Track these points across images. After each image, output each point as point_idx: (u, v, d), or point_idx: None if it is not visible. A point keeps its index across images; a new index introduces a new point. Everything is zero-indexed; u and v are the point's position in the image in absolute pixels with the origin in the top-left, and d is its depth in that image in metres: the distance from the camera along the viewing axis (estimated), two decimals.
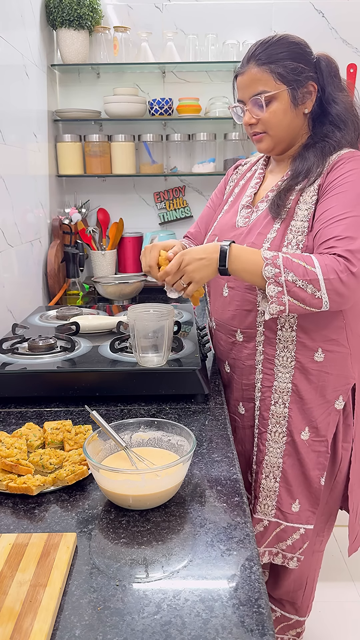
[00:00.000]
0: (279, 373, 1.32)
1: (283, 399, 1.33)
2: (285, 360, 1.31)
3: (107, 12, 2.52)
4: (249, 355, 1.36)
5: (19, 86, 1.97)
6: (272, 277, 1.14)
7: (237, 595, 0.70)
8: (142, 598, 0.70)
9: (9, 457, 0.95)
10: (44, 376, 1.27)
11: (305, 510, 1.38)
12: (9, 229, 1.83)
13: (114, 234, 2.61)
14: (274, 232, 1.27)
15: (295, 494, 1.37)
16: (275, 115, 1.26)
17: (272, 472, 1.38)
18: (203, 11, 2.52)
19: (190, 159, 2.62)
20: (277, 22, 2.53)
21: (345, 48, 2.57)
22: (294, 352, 1.29)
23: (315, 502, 1.37)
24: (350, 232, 1.15)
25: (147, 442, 1.00)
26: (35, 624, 0.64)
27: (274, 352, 1.31)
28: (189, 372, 1.26)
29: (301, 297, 1.13)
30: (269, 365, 1.33)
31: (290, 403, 1.33)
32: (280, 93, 1.24)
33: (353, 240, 1.14)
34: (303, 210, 1.25)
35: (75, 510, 0.88)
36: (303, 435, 1.34)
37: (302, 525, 1.39)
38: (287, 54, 1.24)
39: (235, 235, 1.34)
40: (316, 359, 1.29)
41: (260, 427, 1.38)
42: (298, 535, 1.40)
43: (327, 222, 1.19)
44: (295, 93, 1.25)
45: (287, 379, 1.32)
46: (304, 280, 1.12)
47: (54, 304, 2.25)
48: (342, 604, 2.03)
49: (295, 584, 1.53)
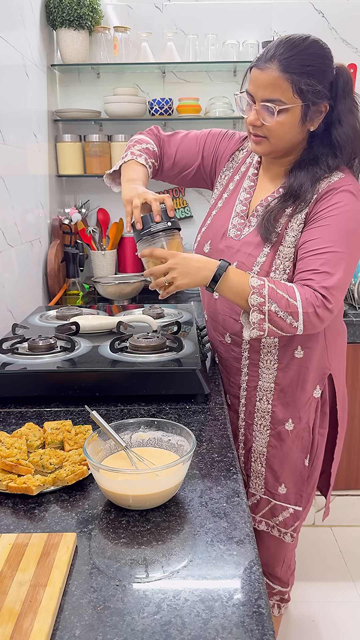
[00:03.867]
0: (263, 374, 1.41)
1: (267, 397, 1.42)
2: (268, 363, 1.40)
3: (107, 12, 2.52)
4: (236, 359, 1.44)
5: (19, 86, 1.97)
6: (257, 305, 1.20)
7: (237, 595, 0.70)
8: (142, 598, 0.70)
9: (9, 457, 0.95)
10: (44, 376, 1.27)
11: (292, 492, 1.47)
12: (9, 229, 1.83)
13: (114, 234, 2.61)
14: (263, 257, 1.31)
15: (281, 478, 1.46)
16: (282, 127, 1.22)
17: (259, 458, 1.48)
18: (203, 11, 2.52)
19: None
20: (277, 22, 2.53)
21: (345, 48, 2.57)
22: (277, 356, 1.38)
23: (302, 483, 1.46)
24: (328, 268, 1.20)
25: (147, 442, 1.00)
26: (35, 624, 0.64)
27: (259, 357, 1.40)
28: (189, 372, 1.26)
29: (280, 326, 1.21)
30: (254, 368, 1.42)
31: (274, 400, 1.41)
32: (294, 107, 1.20)
33: (330, 276, 1.19)
34: (291, 236, 1.28)
35: (75, 510, 0.88)
36: (287, 426, 1.42)
37: (290, 505, 1.48)
38: (312, 69, 1.18)
39: (226, 246, 1.37)
40: (296, 355, 1.38)
41: (247, 419, 1.48)
42: (288, 514, 1.49)
43: (307, 253, 1.23)
44: (307, 110, 1.21)
45: (271, 380, 1.40)
46: (286, 312, 1.19)
47: (54, 304, 2.25)
48: (342, 604, 2.03)
49: (274, 561, 1.60)
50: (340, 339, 1.45)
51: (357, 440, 2.36)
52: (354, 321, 2.19)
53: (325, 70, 1.21)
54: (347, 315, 2.23)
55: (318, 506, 2.45)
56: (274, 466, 1.46)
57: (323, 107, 1.23)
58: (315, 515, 2.46)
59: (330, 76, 1.22)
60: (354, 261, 1.25)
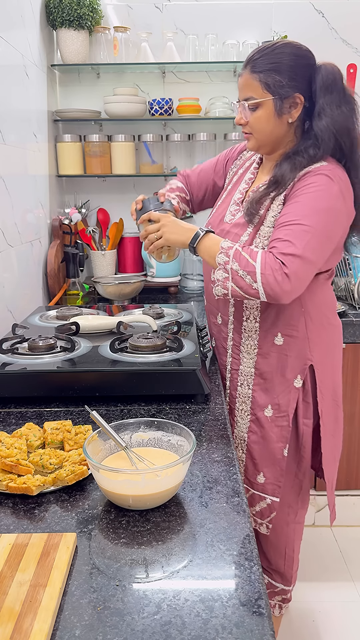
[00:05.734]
0: (244, 359, 1.48)
1: (247, 382, 1.49)
2: (249, 348, 1.47)
3: (107, 12, 2.52)
4: (224, 339, 1.54)
5: (19, 86, 1.97)
6: (222, 264, 1.31)
7: (237, 595, 0.70)
8: (142, 598, 0.70)
9: (9, 457, 0.95)
10: (44, 376, 1.27)
11: (270, 483, 1.49)
12: (9, 229, 1.83)
13: (114, 234, 2.61)
14: (246, 236, 1.41)
15: (260, 467, 1.50)
16: (259, 121, 1.35)
17: (240, 445, 1.53)
18: (203, 11, 2.52)
19: (190, 159, 2.62)
20: (277, 22, 2.53)
21: (345, 48, 2.57)
22: (257, 341, 1.45)
23: (280, 474, 1.48)
24: (290, 237, 1.26)
25: (147, 442, 1.00)
26: (35, 624, 0.64)
27: (240, 340, 1.48)
28: (189, 372, 1.26)
29: (241, 285, 1.28)
30: (236, 350, 1.50)
31: (254, 385, 1.48)
32: (266, 102, 1.32)
33: (291, 244, 1.25)
34: (271, 217, 1.37)
35: (75, 510, 0.88)
36: (266, 412, 1.47)
37: (268, 496, 1.51)
38: (278, 65, 1.30)
39: (221, 230, 1.49)
40: (276, 342, 1.43)
41: (230, 404, 1.54)
42: (265, 504, 1.51)
43: (278, 226, 1.31)
44: (279, 103, 1.32)
45: (251, 365, 1.48)
46: (245, 271, 1.27)
47: (54, 304, 2.25)
48: (342, 604, 2.03)
49: (275, 553, 1.61)
50: (325, 332, 1.46)
51: (357, 440, 2.36)
52: (354, 321, 2.19)
53: (294, 66, 1.31)
54: (347, 315, 2.23)
55: (318, 506, 2.45)
56: (254, 453, 1.50)
57: (297, 99, 1.32)
58: (316, 515, 2.46)
59: (303, 71, 1.31)
60: (322, 240, 1.29)
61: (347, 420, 2.33)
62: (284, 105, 1.32)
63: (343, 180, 1.32)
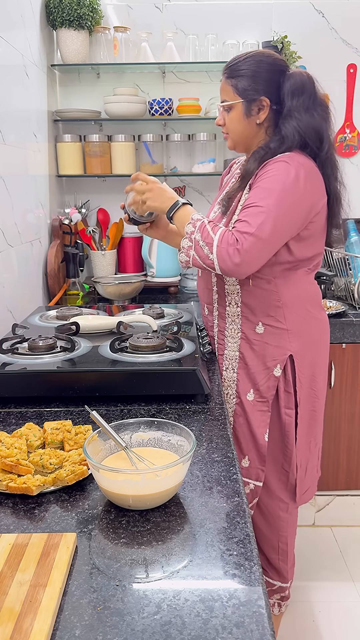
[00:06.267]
0: (229, 343, 1.58)
1: (232, 365, 1.58)
2: (233, 332, 1.57)
3: (107, 12, 2.52)
4: (210, 327, 1.65)
5: (19, 86, 1.97)
6: (188, 233, 1.42)
7: (237, 595, 0.70)
8: (142, 598, 0.70)
9: (9, 457, 0.95)
10: (44, 376, 1.27)
11: (254, 467, 1.57)
12: (9, 229, 1.83)
13: (114, 234, 2.61)
14: None
15: (245, 450, 1.58)
16: (232, 121, 1.51)
17: None
18: (203, 11, 2.52)
19: (190, 159, 2.62)
20: (277, 22, 2.53)
21: (345, 48, 2.57)
22: (240, 325, 1.55)
23: (262, 458, 1.56)
24: (248, 218, 1.36)
25: (147, 442, 1.00)
26: (35, 624, 0.64)
27: (225, 325, 1.59)
28: (189, 372, 1.26)
29: (200, 255, 1.40)
30: (221, 336, 1.61)
31: (238, 369, 1.57)
32: (236, 104, 1.48)
33: (247, 224, 1.36)
34: (240, 207, 1.49)
35: (75, 510, 0.88)
36: (249, 396, 1.55)
37: (251, 480, 1.58)
38: (247, 71, 1.45)
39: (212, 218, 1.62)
40: (257, 330, 1.53)
41: None
42: (248, 490, 1.59)
43: (241, 210, 1.43)
44: (248, 105, 1.47)
45: (235, 348, 1.57)
46: (204, 242, 1.38)
47: (54, 304, 2.25)
48: (342, 604, 2.03)
49: (268, 547, 1.65)
50: (306, 325, 1.54)
51: (357, 440, 2.36)
52: (354, 321, 2.19)
53: (262, 72, 1.45)
54: (347, 315, 2.23)
55: (318, 506, 2.45)
56: (239, 436, 1.58)
57: (264, 102, 1.46)
58: (316, 515, 2.46)
59: (271, 77, 1.45)
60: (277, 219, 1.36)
61: (347, 420, 2.33)
62: (251, 108, 1.47)
63: (303, 165, 1.40)
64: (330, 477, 2.39)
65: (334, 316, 2.20)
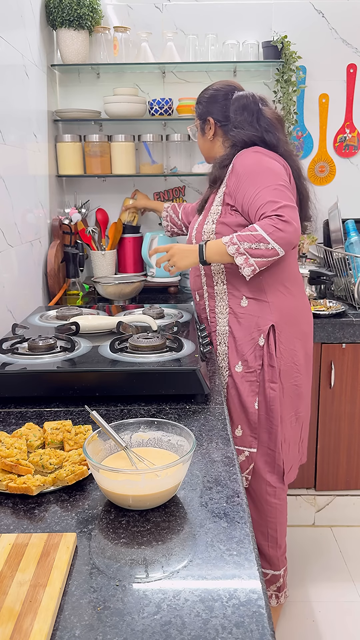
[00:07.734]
0: (219, 319, 1.76)
1: (224, 340, 1.75)
2: (222, 309, 1.75)
3: (107, 12, 2.52)
4: (202, 310, 1.83)
5: (19, 86, 1.97)
6: (235, 251, 1.56)
7: (237, 595, 0.70)
8: (142, 598, 0.70)
9: (9, 457, 0.95)
10: (44, 376, 1.27)
11: (247, 435, 1.72)
12: (9, 229, 1.83)
13: (114, 234, 2.60)
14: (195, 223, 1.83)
15: (237, 421, 1.73)
16: (198, 139, 1.91)
17: None
18: (203, 11, 2.52)
19: (190, 159, 2.62)
20: (277, 22, 2.53)
21: (345, 48, 2.57)
22: (227, 302, 1.74)
23: (254, 426, 1.70)
24: (270, 198, 1.55)
25: (147, 442, 1.00)
26: (35, 624, 0.64)
27: (214, 303, 1.77)
28: (189, 372, 1.26)
29: (260, 254, 1.55)
30: (212, 315, 1.78)
31: (228, 342, 1.74)
32: (197, 125, 1.87)
33: (271, 202, 1.55)
34: (215, 206, 1.73)
35: (75, 510, 0.88)
36: (237, 368, 1.72)
37: (245, 448, 1.72)
38: (201, 99, 1.83)
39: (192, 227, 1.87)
40: (242, 304, 1.71)
41: None
42: (243, 457, 1.72)
43: (249, 201, 1.60)
44: (202, 125, 1.84)
45: (225, 323, 1.74)
46: (255, 242, 1.53)
47: (54, 304, 2.25)
48: (342, 604, 2.03)
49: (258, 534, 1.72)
50: (285, 299, 1.71)
51: (357, 440, 2.36)
52: (354, 321, 2.19)
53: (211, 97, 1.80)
54: (347, 315, 2.23)
55: (318, 506, 2.45)
56: (232, 407, 1.73)
57: (210, 122, 1.80)
58: (316, 515, 2.46)
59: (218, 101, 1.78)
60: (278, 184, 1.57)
61: (347, 420, 2.33)
62: (204, 126, 1.83)
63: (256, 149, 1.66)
64: (330, 477, 2.39)
65: (334, 316, 2.20)
